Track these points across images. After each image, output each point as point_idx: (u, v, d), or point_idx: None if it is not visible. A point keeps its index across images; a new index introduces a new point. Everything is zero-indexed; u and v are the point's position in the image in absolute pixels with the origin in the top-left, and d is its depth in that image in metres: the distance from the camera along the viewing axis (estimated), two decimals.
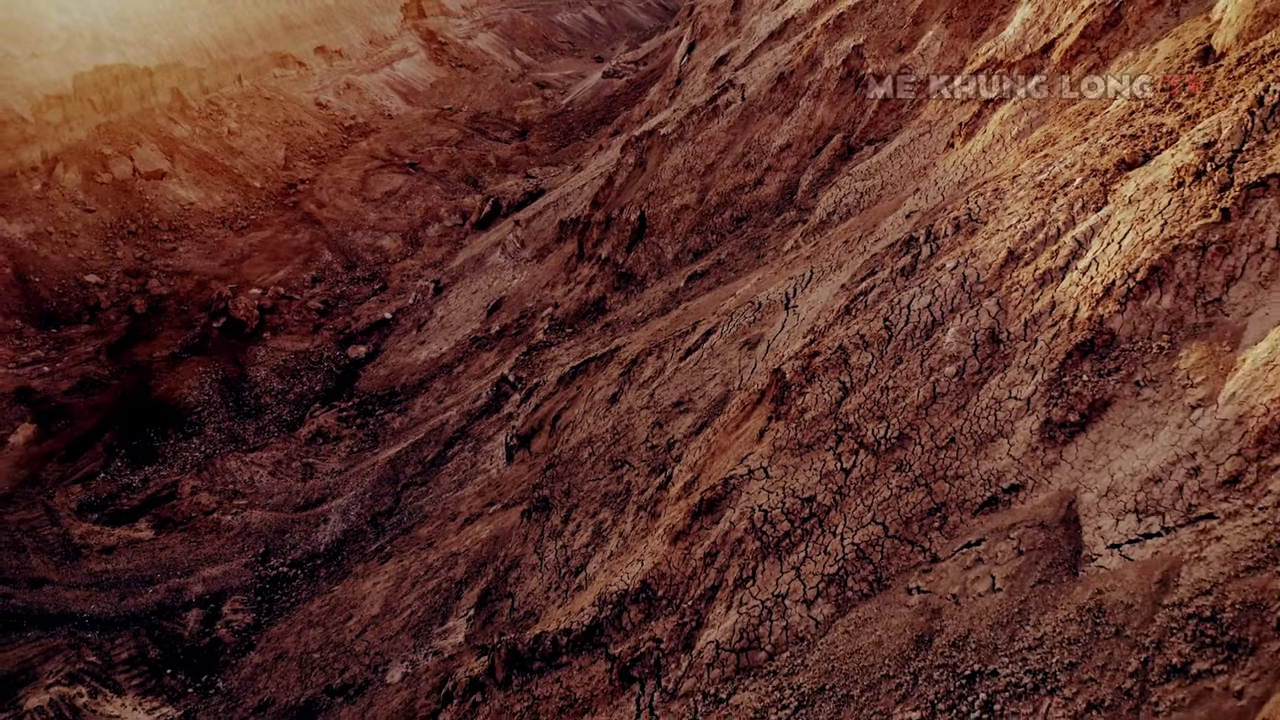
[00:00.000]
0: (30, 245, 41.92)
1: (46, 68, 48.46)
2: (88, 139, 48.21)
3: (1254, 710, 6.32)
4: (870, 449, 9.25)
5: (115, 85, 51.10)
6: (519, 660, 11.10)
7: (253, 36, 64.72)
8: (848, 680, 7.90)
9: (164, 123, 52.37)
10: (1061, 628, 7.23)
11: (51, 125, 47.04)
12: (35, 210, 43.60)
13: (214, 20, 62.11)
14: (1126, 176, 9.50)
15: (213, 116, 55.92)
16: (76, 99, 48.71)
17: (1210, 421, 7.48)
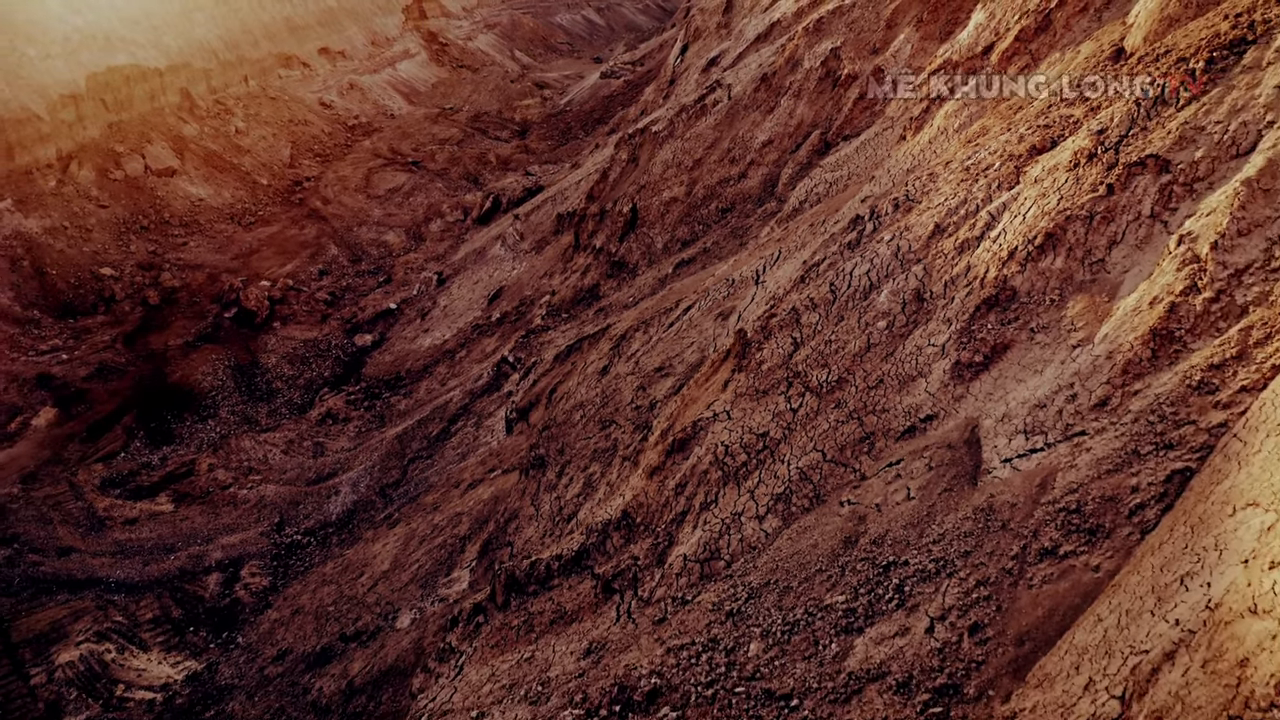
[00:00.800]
0: (47, 239, 43.58)
1: (60, 68, 50.15)
2: (100, 137, 49.88)
3: (1107, 580, 7.96)
4: (814, 391, 10.91)
5: (126, 85, 52.73)
6: (517, 585, 12.76)
7: (258, 38, 66.40)
8: (789, 575, 9.56)
9: (174, 122, 54.02)
10: (960, 525, 8.89)
11: (65, 123, 48.70)
12: (51, 205, 45.27)
13: (221, 22, 63.82)
14: (1036, 160, 11.17)
15: (220, 116, 57.57)
16: (89, 98, 50.37)
17: (1087, 358, 9.15)
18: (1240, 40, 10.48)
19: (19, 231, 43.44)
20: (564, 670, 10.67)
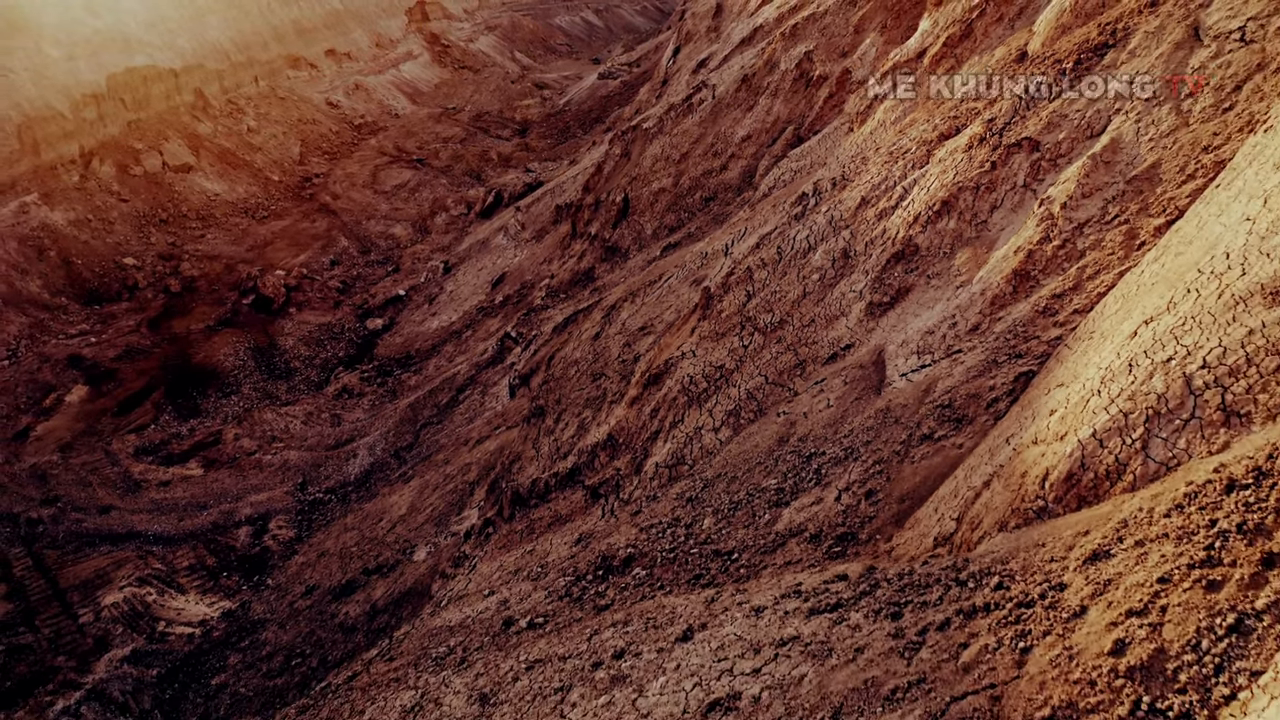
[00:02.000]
0: (72, 231, 46.32)
1: (82, 69, 52.95)
2: (120, 135, 52.66)
3: (968, 453, 10.61)
4: (761, 331, 13.58)
5: (144, 85, 55.48)
6: (520, 500, 15.45)
7: (268, 40, 69.17)
8: (735, 468, 12.25)
9: (189, 120, 56.80)
10: (865, 423, 11.58)
11: (87, 122, 51.46)
12: (75, 199, 48.03)
13: (232, 25, 66.61)
14: (943, 144, 13.86)
15: (233, 115, 60.35)
16: (110, 97, 53.12)
17: (966, 295, 11.84)
18: (1104, 44, 13.20)
19: (45, 224, 46.17)
20: (559, 556, 13.35)
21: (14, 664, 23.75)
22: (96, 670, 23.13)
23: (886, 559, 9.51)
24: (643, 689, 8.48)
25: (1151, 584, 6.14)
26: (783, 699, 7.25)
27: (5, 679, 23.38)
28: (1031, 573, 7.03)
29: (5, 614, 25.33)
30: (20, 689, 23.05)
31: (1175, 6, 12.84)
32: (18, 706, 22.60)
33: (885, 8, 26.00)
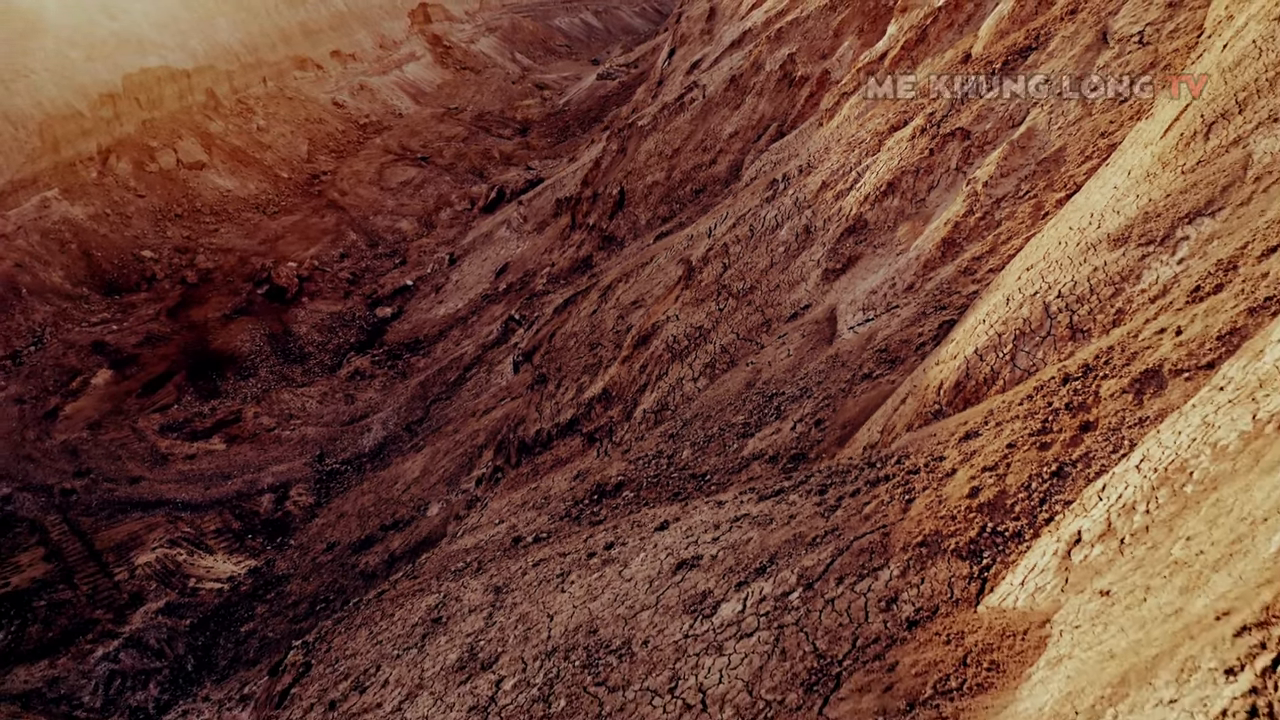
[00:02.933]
0: (91, 225, 48.59)
1: (99, 69, 55.22)
2: (136, 133, 54.95)
3: (910, 400, 12.81)
4: (735, 295, 15.81)
5: (158, 85, 57.76)
6: (525, 448, 17.68)
7: (275, 41, 71.43)
8: (710, 409, 14.48)
9: (201, 119, 59.07)
10: (818, 367, 13.81)
11: (105, 120, 53.74)
12: (94, 195, 50.31)
13: (241, 26, 68.87)
14: (892, 134, 16.09)
15: (243, 114, 62.61)
16: (125, 97, 55.40)
17: (904, 260, 14.09)
18: (1028, 47, 15.46)
19: (66, 217, 48.43)
20: (560, 489, 15.58)
21: (55, 617, 25.95)
22: (133, 621, 25.33)
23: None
24: (627, 564, 10.70)
25: (1002, 449, 8.40)
26: (733, 554, 9.48)
27: (48, 630, 25.58)
28: (921, 453, 9.27)
29: (45, 574, 27.54)
30: (63, 639, 25.25)
31: (1088, 14, 15.10)
32: (61, 654, 24.81)
33: (862, 13, 28.27)
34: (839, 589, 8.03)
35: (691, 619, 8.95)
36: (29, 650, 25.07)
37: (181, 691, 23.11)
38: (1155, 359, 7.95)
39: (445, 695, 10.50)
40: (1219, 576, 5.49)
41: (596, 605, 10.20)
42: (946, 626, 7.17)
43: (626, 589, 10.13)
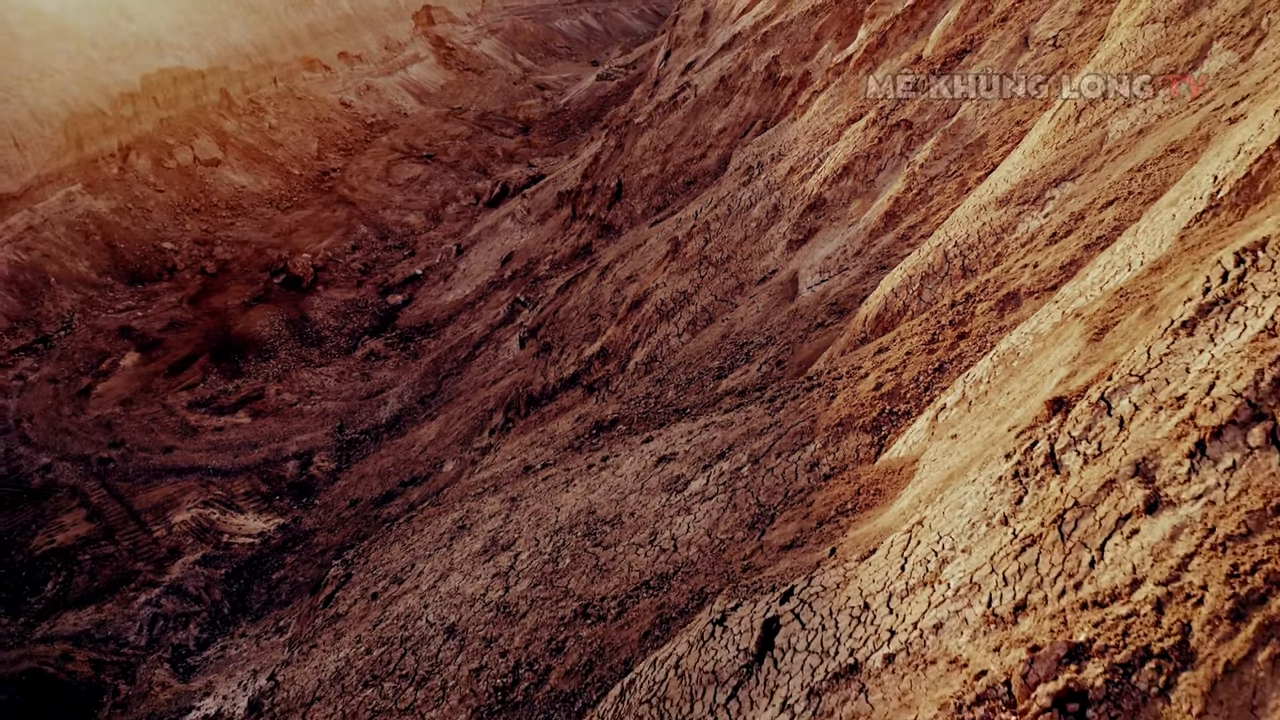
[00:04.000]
0: (114, 218, 51.35)
1: (119, 69, 58.02)
2: (154, 131, 57.74)
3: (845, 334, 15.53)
4: (714, 264, 18.55)
5: (174, 85, 60.51)
6: (533, 400, 20.39)
7: (285, 43, 74.22)
8: (692, 358, 17.21)
9: (215, 118, 61.83)
10: (782, 320, 16.54)
11: (125, 118, 56.52)
12: (115, 189, 53.07)
13: (253, 28, 71.67)
14: (850, 126, 18.84)
15: (255, 113, 65.36)
16: (144, 96, 58.17)
17: (853, 231, 16.83)
18: (964, 50, 18.21)
19: (90, 211, 51.19)
20: (564, 430, 18.30)
21: (100, 569, 28.62)
22: (171, 572, 28.00)
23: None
24: (619, 467, 13.42)
25: (901, 356, 11.13)
26: (701, 448, 12.20)
27: (93, 581, 28.25)
28: (846, 366, 11.99)
29: (87, 532, 30.23)
30: (107, 588, 27.92)
31: (1015, 22, 17.86)
32: (106, 601, 27.48)
33: (840, 18, 31.04)
34: (777, 461, 10.76)
35: (667, 494, 11.67)
36: (76, 598, 27.73)
37: (220, 630, 25.79)
38: (1016, 285, 10.68)
39: (472, 571, 13.20)
40: (1019, 411, 8.25)
41: (594, 496, 12.92)
42: (850, 475, 9.91)
43: (618, 482, 12.84)
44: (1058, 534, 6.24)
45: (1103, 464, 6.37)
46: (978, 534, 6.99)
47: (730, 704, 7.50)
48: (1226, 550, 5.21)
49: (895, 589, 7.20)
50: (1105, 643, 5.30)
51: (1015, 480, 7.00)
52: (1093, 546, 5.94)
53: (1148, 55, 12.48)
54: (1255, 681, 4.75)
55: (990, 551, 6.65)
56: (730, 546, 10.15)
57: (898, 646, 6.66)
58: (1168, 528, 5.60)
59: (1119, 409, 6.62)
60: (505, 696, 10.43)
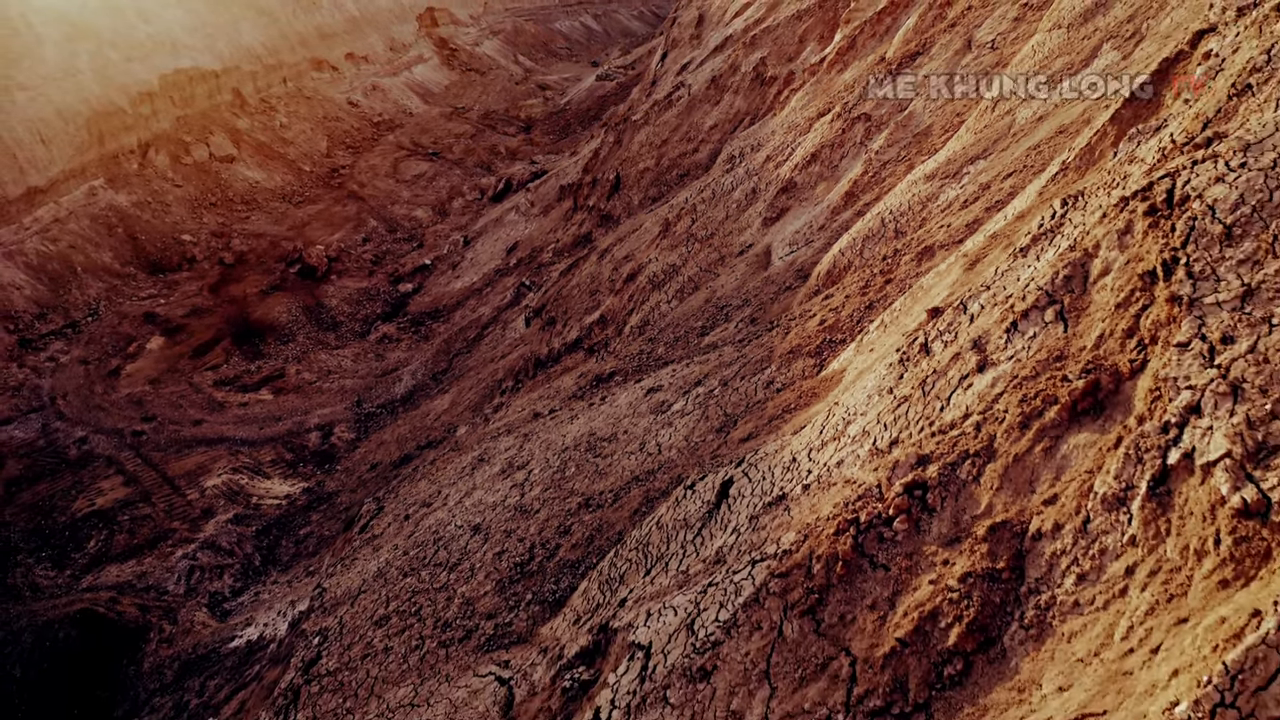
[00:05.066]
0: (135, 211, 54.17)
1: (137, 69, 60.87)
2: (171, 128, 60.58)
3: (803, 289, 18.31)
4: (699, 241, 21.34)
5: (190, 85, 63.35)
6: (540, 363, 23.18)
7: (294, 44, 77.06)
8: (679, 320, 19.99)
9: (229, 117, 64.67)
10: (756, 285, 19.33)
11: (143, 117, 59.35)
12: (136, 184, 55.90)
13: (263, 30, 74.52)
14: (819, 119, 21.64)
15: (266, 112, 68.19)
16: (161, 95, 61.00)
17: (819, 209, 19.63)
18: (917, 52, 21.02)
19: (112, 204, 54.01)
20: (567, 385, 21.08)
21: (138, 528, 31.36)
22: (206, 529, 30.75)
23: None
24: (615, 401, 16.20)
25: (842, 299, 13.92)
26: (682, 380, 14.98)
27: (133, 539, 30.99)
28: (800, 311, 14.77)
29: (125, 496, 32.98)
30: (146, 544, 30.67)
31: (962, 28, 20.68)
32: (146, 555, 30.23)
33: (823, 23, 33.86)
34: (741, 382, 13.55)
35: (654, 415, 14.46)
36: (118, 554, 30.46)
37: (252, 580, 28.53)
38: (932, 241, 13.47)
39: (492, 487, 15.96)
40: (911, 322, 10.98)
41: (595, 423, 15.70)
42: (797, 387, 12.70)
43: (614, 411, 15.63)
44: (921, 393, 9.11)
45: (955, 345, 9.23)
46: (871, 403, 9.83)
47: (696, 539, 10.31)
48: (1021, 386, 8.10)
49: (814, 445, 10.04)
50: (942, 452, 8.18)
51: (900, 364, 9.83)
52: (943, 397, 8.82)
53: (1052, 55, 15.29)
54: (1032, 466, 7.61)
55: (878, 411, 9.51)
56: (702, 445, 12.90)
57: (812, 479, 9.51)
58: (990, 379, 8.48)
59: (971, 309, 9.47)
60: (523, 569, 13.19)
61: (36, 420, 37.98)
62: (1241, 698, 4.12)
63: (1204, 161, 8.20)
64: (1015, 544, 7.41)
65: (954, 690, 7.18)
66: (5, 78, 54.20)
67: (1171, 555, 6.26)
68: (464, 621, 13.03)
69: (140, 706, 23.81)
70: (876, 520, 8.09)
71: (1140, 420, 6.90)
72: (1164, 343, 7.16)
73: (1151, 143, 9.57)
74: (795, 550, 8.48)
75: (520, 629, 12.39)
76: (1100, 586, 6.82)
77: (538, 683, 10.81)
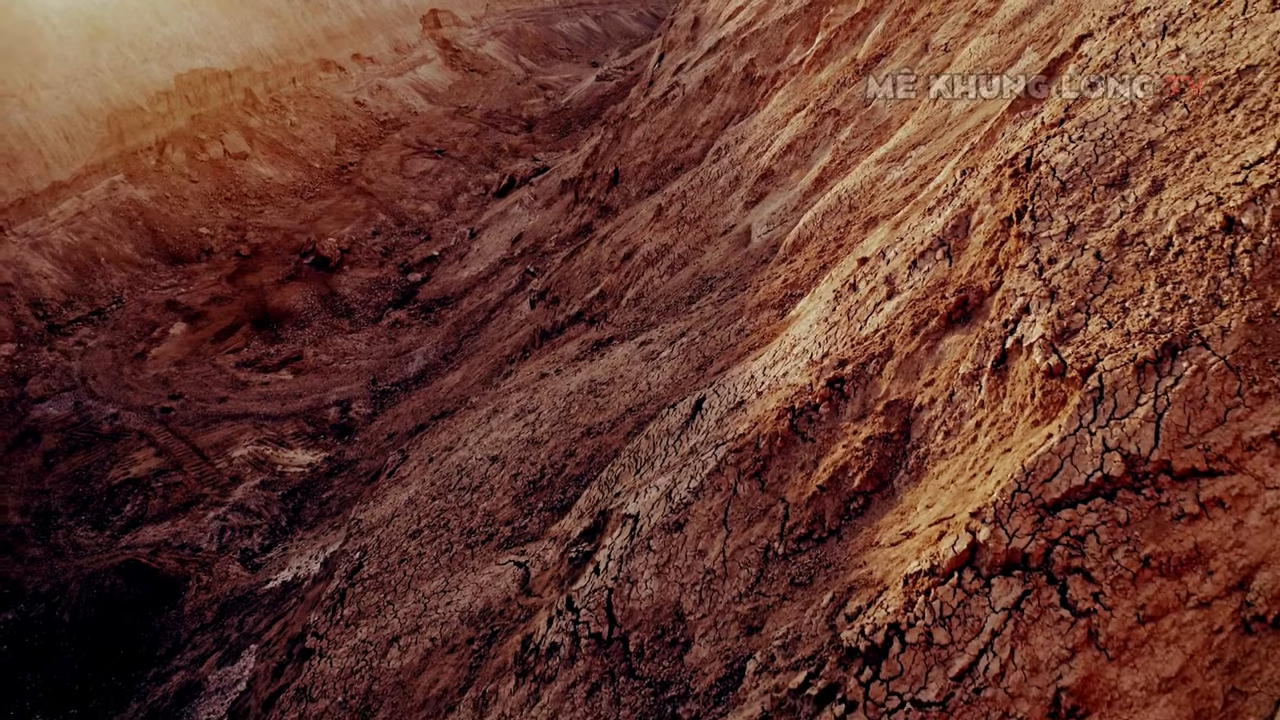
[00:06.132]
0: (154, 205, 56.99)
1: (155, 69, 63.76)
2: (186, 126, 63.45)
3: (774, 258, 21.12)
4: (688, 223, 24.14)
5: (204, 84, 66.20)
6: (545, 334, 25.99)
7: (302, 45, 79.96)
8: (670, 292, 22.81)
9: (241, 115, 67.52)
10: (737, 260, 22.15)
11: (160, 115, 62.22)
12: (154, 180, 58.74)
13: (273, 32, 77.44)
14: (796, 114, 24.44)
15: (277, 111, 71.03)
16: (177, 94, 63.86)
17: (793, 193, 22.47)
18: (882, 55, 23.84)
19: (131, 199, 56.84)
20: (570, 351, 23.89)
21: (171, 493, 34.13)
22: (235, 494, 33.51)
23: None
24: (612, 353, 18.99)
25: (803, 262, 16.74)
26: (669, 334, 17.78)
27: (167, 503, 33.76)
28: (769, 275, 17.56)
29: (158, 465, 35.75)
30: (180, 508, 33.44)
31: (921, 33, 23.50)
32: (180, 518, 32.99)
33: (808, 26, 36.70)
34: (717, 331, 16.37)
35: (646, 362, 17.27)
36: (153, 516, 33.23)
37: (280, 538, 31.29)
38: (876, 213, 16.29)
39: (507, 428, 18.76)
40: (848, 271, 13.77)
41: (595, 372, 18.51)
42: (761, 330, 15.49)
43: (613, 362, 18.44)
44: (846, 318, 11.96)
45: (874, 281, 12.08)
46: (812, 330, 12.67)
47: (675, 442, 13.13)
48: (915, 306, 10.95)
49: (768, 365, 12.88)
50: (857, 356, 11.03)
51: (834, 301, 12.68)
52: (861, 320, 11.67)
53: (985, 57, 18.11)
54: (919, 360, 10.45)
55: (815, 335, 12.37)
56: (685, 381, 15.67)
57: (764, 388, 12.36)
58: (895, 303, 11.34)
59: (887, 255, 12.33)
60: (535, 485, 15.98)
61: (69, 398, 40.77)
62: (1033, 486, 6.96)
63: (1054, 136, 11.14)
64: (904, 415, 10.31)
65: (858, 519, 10.10)
66: (31, 77, 57.11)
67: (1005, 410, 9.21)
68: (486, 528, 15.83)
69: (183, 644, 26.58)
70: (807, 407, 10.95)
71: (991, 321, 9.80)
72: (1012, 267, 10.05)
73: (1029, 125, 12.42)
74: (748, 434, 11.34)
75: (534, 530, 15.19)
76: (959, 438, 9.76)
77: (549, 561, 13.63)
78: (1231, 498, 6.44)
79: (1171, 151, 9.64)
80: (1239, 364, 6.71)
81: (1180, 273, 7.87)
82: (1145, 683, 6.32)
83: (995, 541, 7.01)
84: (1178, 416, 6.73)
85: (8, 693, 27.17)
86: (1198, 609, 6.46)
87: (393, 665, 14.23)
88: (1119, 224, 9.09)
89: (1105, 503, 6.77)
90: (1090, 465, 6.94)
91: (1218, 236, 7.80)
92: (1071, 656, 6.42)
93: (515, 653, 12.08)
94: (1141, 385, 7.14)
